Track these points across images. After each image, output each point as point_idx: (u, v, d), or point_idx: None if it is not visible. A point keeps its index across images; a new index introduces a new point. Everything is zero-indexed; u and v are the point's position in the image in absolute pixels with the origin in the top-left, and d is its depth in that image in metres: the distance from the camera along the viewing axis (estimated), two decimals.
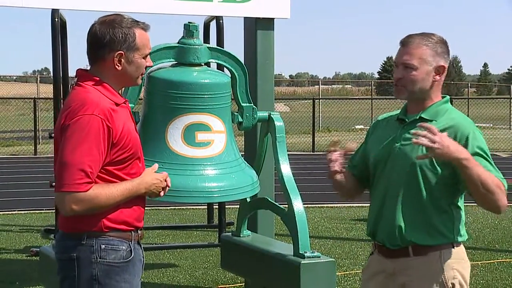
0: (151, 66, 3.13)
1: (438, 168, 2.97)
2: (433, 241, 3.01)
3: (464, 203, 3.12)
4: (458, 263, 3.05)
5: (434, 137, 2.79)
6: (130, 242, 2.94)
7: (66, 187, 2.76)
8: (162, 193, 3.03)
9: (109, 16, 2.97)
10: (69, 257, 2.89)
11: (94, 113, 2.79)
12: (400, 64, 3.05)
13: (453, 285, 3.01)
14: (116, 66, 2.92)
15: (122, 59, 2.93)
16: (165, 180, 3.03)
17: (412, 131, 2.91)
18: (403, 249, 3.04)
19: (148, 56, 3.02)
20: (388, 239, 3.07)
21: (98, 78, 2.93)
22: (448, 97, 3.13)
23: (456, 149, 2.82)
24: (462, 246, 3.10)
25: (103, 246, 2.87)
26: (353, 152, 3.23)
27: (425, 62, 3.02)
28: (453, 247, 3.04)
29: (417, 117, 3.07)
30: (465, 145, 2.94)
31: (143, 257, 3.06)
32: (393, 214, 3.04)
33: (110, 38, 2.89)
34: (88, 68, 3.02)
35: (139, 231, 3.01)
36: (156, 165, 3.07)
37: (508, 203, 3.08)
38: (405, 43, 3.06)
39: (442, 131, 2.93)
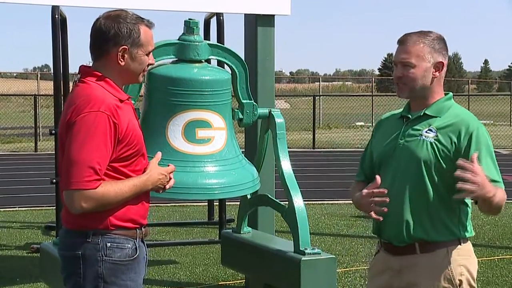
0: (153, 64, 3.11)
1: (443, 164, 2.97)
2: (440, 237, 3.00)
3: None
4: (465, 259, 3.05)
5: (476, 179, 2.73)
6: (135, 240, 2.92)
7: (75, 185, 2.73)
8: (167, 186, 3.01)
9: (114, 11, 2.94)
10: (74, 254, 2.86)
11: (100, 110, 2.77)
12: (399, 63, 3.06)
13: (461, 282, 3.00)
14: (119, 61, 2.90)
15: (126, 55, 2.90)
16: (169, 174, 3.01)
17: (457, 172, 2.77)
18: (409, 246, 3.02)
19: (151, 53, 3.00)
20: (394, 236, 3.05)
21: (101, 74, 2.90)
22: (451, 94, 3.13)
23: (489, 189, 2.79)
24: (469, 242, 3.10)
25: (108, 244, 2.85)
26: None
27: (423, 59, 3.02)
28: (460, 243, 3.05)
29: (421, 114, 3.07)
30: (469, 142, 2.94)
31: (146, 254, 3.04)
32: (400, 211, 3.02)
33: (115, 33, 2.87)
34: (91, 64, 2.99)
35: (143, 229, 2.99)
36: (159, 154, 3.06)
37: (507, 200, 3.08)
38: (403, 41, 3.06)
39: (446, 127, 2.97)
